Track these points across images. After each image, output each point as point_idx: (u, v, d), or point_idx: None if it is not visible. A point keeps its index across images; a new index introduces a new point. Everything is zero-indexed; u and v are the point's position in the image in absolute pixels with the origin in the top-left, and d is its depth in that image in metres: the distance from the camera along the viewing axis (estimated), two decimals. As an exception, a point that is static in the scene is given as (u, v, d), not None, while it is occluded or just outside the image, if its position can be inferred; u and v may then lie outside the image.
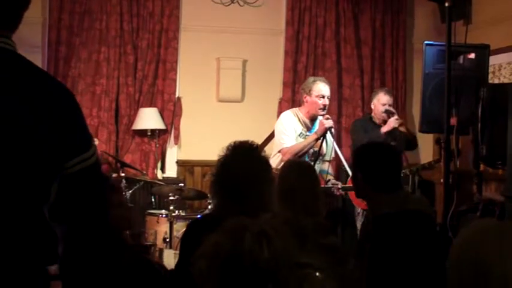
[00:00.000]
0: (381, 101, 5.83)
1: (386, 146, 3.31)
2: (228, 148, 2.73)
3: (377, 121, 5.82)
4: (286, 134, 4.99)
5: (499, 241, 1.44)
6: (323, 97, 4.97)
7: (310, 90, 5.01)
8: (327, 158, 5.18)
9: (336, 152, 5.13)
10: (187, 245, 2.76)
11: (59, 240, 1.65)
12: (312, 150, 4.89)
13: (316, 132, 4.89)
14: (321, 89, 4.99)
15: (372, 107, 5.93)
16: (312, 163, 4.71)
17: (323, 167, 5.17)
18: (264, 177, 2.70)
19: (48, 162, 1.56)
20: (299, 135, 5.02)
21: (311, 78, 5.26)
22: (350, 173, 5.09)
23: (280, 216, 1.25)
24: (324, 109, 4.96)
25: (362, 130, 5.75)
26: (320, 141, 4.87)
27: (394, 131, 5.64)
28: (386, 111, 5.74)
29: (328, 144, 5.03)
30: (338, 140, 6.90)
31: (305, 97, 5.06)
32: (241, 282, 1.16)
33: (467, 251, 1.46)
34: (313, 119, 5.05)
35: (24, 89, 1.57)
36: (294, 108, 5.28)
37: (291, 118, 5.06)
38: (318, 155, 4.88)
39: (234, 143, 2.76)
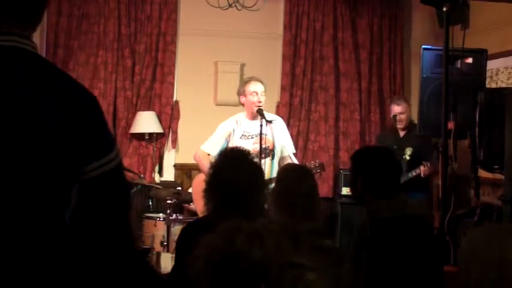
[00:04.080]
0: (391, 112, 6.02)
1: (385, 150, 3.30)
2: (220, 154, 2.80)
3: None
4: (211, 140, 5.15)
5: None
6: (257, 94, 5.03)
7: (244, 91, 5.11)
8: (285, 153, 5.16)
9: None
10: (183, 248, 2.77)
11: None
12: (258, 147, 4.87)
13: None
14: (254, 87, 5.06)
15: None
16: (261, 160, 4.72)
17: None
18: (257, 181, 2.76)
19: (66, 166, 1.52)
20: (240, 137, 5.07)
21: (244, 79, 5.35)
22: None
23: (276, 220, 1.25)
24: (259, 105, 4.97)
25: None
26: (266, 137, 4.91)
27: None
28: (393, 117, 5.91)
29: (275, 138, 5.02)
30: (336, 144, 6.92)
31: (241, 98, 5.14)
32: (234, 283, 1.16)
33: (490, 252, 1.45)
34: (255, 119, 5.06)
35: (43, 91, 1.53)
36: (239, 113, 5.29)
37: (228, 124, 5.16)
38: (268, 151, 4.98)
39: (226, 149, 2.86)
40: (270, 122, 4.91)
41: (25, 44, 1.60)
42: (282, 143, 5.12)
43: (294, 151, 5.26)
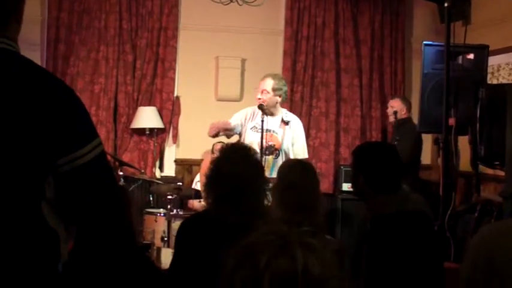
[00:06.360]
0: None
1: (386, 146, 3.31)
2: (221, 150, 2.80)
3: None
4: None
5: None
6: (261, 92, 5.03)
7: (256, 88, 5.13)
8: (297, 156, 5.15)
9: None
10: (182, 242, 2.76)
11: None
12: (266, 144, 4.87)
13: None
14: (261, 83, 5.06)
15: None
16: (263, 156, 4.72)
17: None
18: (257, 177, 2.75)
19: (35, 159, 1.54)
20: (251, 128, 5.06)
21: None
22: None
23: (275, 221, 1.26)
24: (259, 102, 4.98)
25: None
26: (275, 135, 4.92)
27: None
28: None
29: (285, 139, 5.03)
30: (336, 140, 6.92)
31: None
32: None
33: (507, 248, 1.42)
34: (271, 114, 5.05)
35: (18, 87, 1.55)
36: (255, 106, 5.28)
37: (247, 110, 5.15)
38: (273, 150, 4.97)
39: (227, 144, 2.87)
40: (286, 123, 4.91)
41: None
42: (294, 145, 5.08)
43: (307, 156, 5.20)
